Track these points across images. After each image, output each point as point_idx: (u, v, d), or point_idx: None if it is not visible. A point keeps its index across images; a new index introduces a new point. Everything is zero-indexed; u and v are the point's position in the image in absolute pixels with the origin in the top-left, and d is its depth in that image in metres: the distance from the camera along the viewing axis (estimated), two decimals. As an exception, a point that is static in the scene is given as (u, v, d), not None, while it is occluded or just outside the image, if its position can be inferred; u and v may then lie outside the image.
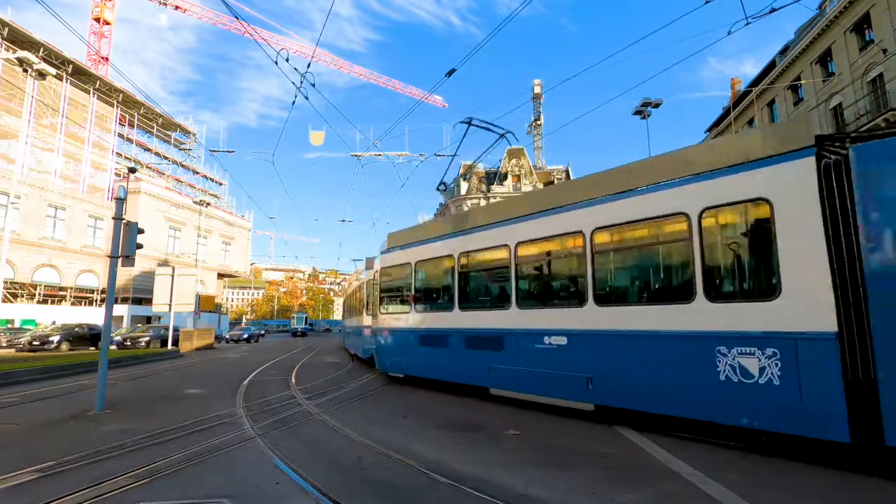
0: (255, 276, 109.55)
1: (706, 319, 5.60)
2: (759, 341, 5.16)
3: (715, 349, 5.46)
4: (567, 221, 7.45)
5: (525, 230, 8.23)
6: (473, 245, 9.35)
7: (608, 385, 6.55)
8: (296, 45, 52.21)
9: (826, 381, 4.69)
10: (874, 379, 4.38)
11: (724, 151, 5.83)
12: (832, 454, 4.90)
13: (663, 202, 6.26)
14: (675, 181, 6.17)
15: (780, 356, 5.03)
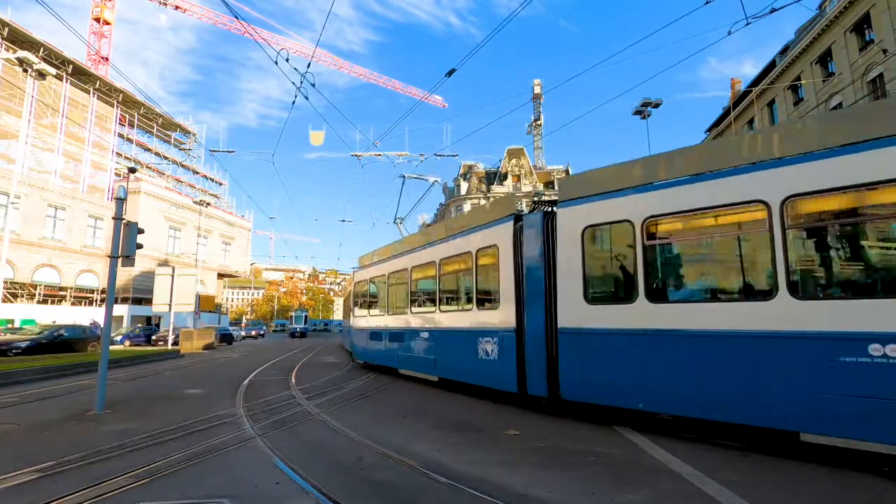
0: (255, 276, 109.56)
1: (475, 318, 9.24)
2: (491, 333, 8.65)
3: (479, 339, 8.89)
4: (427, 255, 11.16)
5: (418, 257, 11.44)
6: (391, 269, 13.18)
7: (442, 363, 10.23)
8: (296, 45, 52.23)
9: (511, 357, 8.01)
10: (524, 358, 7.84)
11: (483, 216, 9.45)
12: (832, 454, 4.89)
13: (460, 246, 9.88)
14: (463, 231, 9.92)
15: (497, 342, 8.44)
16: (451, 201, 62.47)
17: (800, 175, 5.19)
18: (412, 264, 11.68)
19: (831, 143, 5.05)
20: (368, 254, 15.86)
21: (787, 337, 5.08)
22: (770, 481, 4.37)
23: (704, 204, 5.90)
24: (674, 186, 6.18)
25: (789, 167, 5.28)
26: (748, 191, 5.54)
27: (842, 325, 4.73)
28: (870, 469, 4.72)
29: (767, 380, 5.22)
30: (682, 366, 5.86)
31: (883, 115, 4.92)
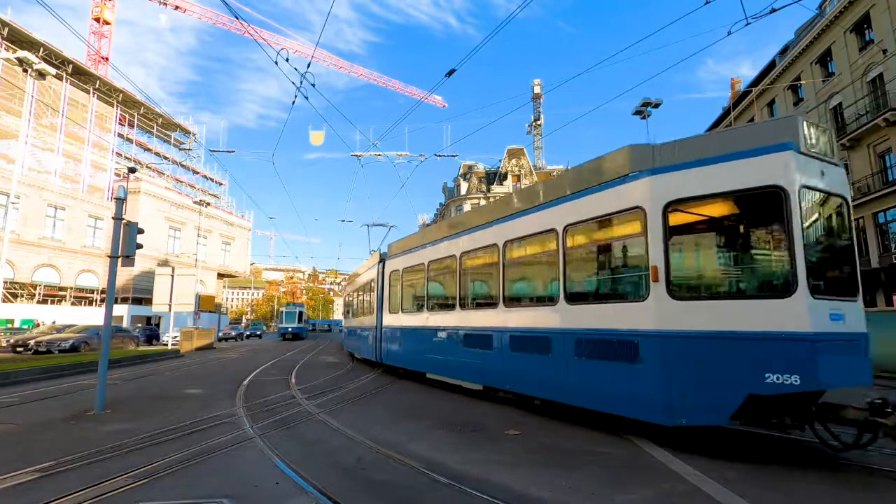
0: (255, 276, 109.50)
1: (371, 320, 15.17)
2: (368, 329, 15.13)
3: (367, 332, 15.42)
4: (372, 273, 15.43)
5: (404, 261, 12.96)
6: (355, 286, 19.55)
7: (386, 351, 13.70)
8: (295, 45, 52.21)
9: (375, 344, 14.14)
10: (382, 342, 13.59)
11: (369, 261, 16.91)
12: (828, 454, 4.89)
13: (367, 276, 16.45)
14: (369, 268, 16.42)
15: (372, 335, 14.55)
16: (451, 201, 62.45)
17: (572, 209, 6.77)
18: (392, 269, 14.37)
19: (586, 185, 6.61)
20: (352, 274, 22.54)
21: (562, 333, 6.78)
22: (770, 481, 4.37)
23: (490, 240, 8.64)
24: (467, 234, 9.53)
25: (566, 203, 6.90)
26: (551, 220, 7.04)
27: (591, 325, 6.38)
28: (870, 469, 4.72)
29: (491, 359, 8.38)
30: (416, 345, 11.56)
31: (605, 165, 6.41)
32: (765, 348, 4.80)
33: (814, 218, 5.34)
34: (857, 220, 23.11)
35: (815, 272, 5.05)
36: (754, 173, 5.06)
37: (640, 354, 5.60)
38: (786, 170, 4.91)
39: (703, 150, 5.44)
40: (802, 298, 4.72)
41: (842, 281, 5.36)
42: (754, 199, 5.16)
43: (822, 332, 4.74)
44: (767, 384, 4.73)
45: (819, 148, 5.20)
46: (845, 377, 5.01)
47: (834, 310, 4.96)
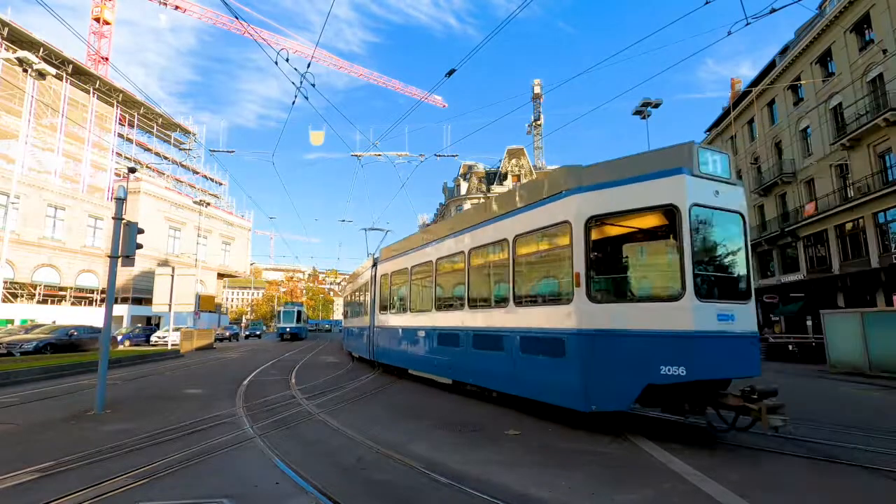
0: (255, 276, 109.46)
1: (364, 321, 16.45)
2: (363, 330, 16.34)
3: (361, 332, 17.09)
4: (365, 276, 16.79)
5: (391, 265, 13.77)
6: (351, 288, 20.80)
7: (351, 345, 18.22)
8: (295, 45, 52.18)
9: (369, 343, 15.15)
10: (375, 341, 14.49)
11: (361, 268, 18.50)
12: (834, 453, 4.90)
13: (363, 277, 17.64)
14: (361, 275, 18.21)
15: (366, 335, 15.64)
16: (451, 201, 62.45)
17: (520, 221, 7.61)
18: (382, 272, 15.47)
19: (531, 200, 7.41)
20: (348, 277, 24.47)
21: (511, 332, 7.62)
22: (770, 481, 4.37)
23: (458, 248, 9.55)
24: (423, 247, 11.38)
25: (516, 216, 7.75)
26: (505, 232, 7.98)
27: (532, 325, 7.25)
28: (870, 470, 4.72)
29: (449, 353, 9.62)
30: (400, 344, 12.46)
31: (546, 183, 7.24)
32: (660, 344, 5.58)
33: (706, 232, 6.12)
34: (857, 219, 23.12)
35: (704, 279, 5.85)
36: (655, 193, 5.90)
37: (565, 350, 6.41)
38: (678, 190, 5.72)
39: (620, 172, 6.23)
40: (689, 302, 5.51)
41: (733, 286, 6.13)
42: (654, 215, 6.09)
43: (705, 330, 5.52)
44: (662, 375, 5.50)
45: (714, 171, 5.99)
46: (731, 369, 5.73)
47: (723, 311, 5.72)
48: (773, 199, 30.56)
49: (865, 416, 7.93)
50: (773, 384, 5.84)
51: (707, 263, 6.05)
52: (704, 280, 5.85)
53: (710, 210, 5.93)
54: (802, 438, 5.98)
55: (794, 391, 11.28)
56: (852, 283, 22.85)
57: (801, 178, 27.81)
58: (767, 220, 30.88)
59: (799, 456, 5.20)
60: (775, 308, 27.58)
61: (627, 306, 6.04)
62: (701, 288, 5.69)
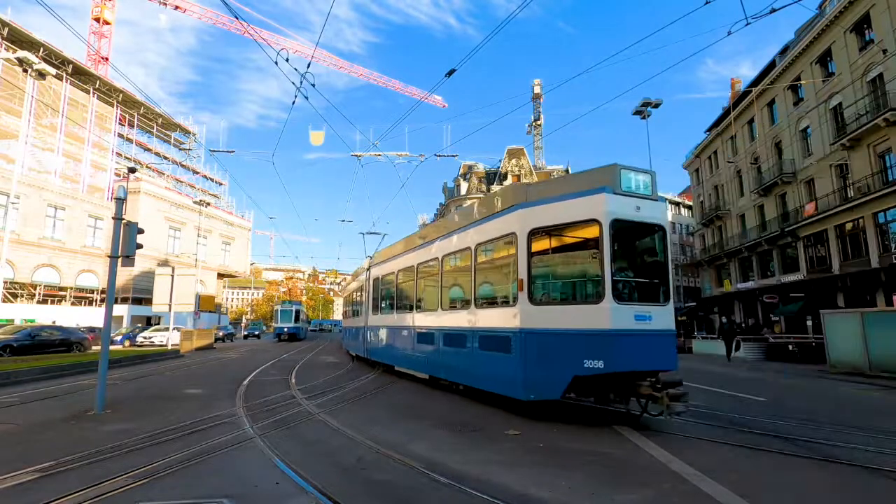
0: (255, 276, 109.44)
1: (363, 320, 16.87)
2: (359, 329, 17.56)
3: (358, 330, 18.04)
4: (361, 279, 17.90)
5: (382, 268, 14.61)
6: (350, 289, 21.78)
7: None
8: (295, 45, 52.18)
9: (364, 342, 16.06)
10: (368, 340, 15.44)
11: (357, 271, 20.29)
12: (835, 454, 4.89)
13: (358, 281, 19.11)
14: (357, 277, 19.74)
15: (362, 334, 16.51)
16: (451, 201, 62.47)
17: (480, 231, 8.35)
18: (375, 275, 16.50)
19: (489, 212, 8.18)
20: (349, 277, 24.86)
21: (472, 331, 8.37)
22: (770, 481, 4.37)
23: (432, 255, 10.34)
24: (405, 253, 12.11)
25: (477, 226, 8.49)
26: (468, 241, 8.72)
27: (488, 324, 8.03)
28: (870, 470, 4.72)
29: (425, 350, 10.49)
30: (388, 342, 13.32)
31: (501, 197, 8.03)
32: (584, 341, 6.38)
33: (626, 242, 7.04)
34: (857, 219, 23.11)
35: (624, 284, 6.70)
36: (582, 209, 6.67)
37: (511, 347, 7.20)
38: (600, 207, 6.47)
39: (557, 190, 7.13)
40: (608, 304, 6.26)
41: (652, 290, 6.89)
42: (582, 228, 6.83)
43: (622, 328, 6.27)
44: (585, 367, 6.29)
45: (636, 189, 6.76)
46: (647, 362, 6.46)
47: (640, 312, 6.48)
48: (773, 199, 30.56)
49: (865, 416, 7.93)
50: (678, 377, 6.64)
51: (627, 270, 6.98)
52: (625, 285, 6.74)
53: (632, 223, 6.69)
54: (802, 438, 5.99)
55: (794, 391, 11.29)
56: (852, 283, 22.84)
57: (801, 178, 27.81)
58: (767, 220, 30.88)
59: (799, 456, 5.20)
60: (775, 308, 27.58)
61: (560, 308, 6.92)
62: (622, 292, 6.55)
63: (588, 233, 6.73)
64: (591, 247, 6.71)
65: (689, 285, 55.76)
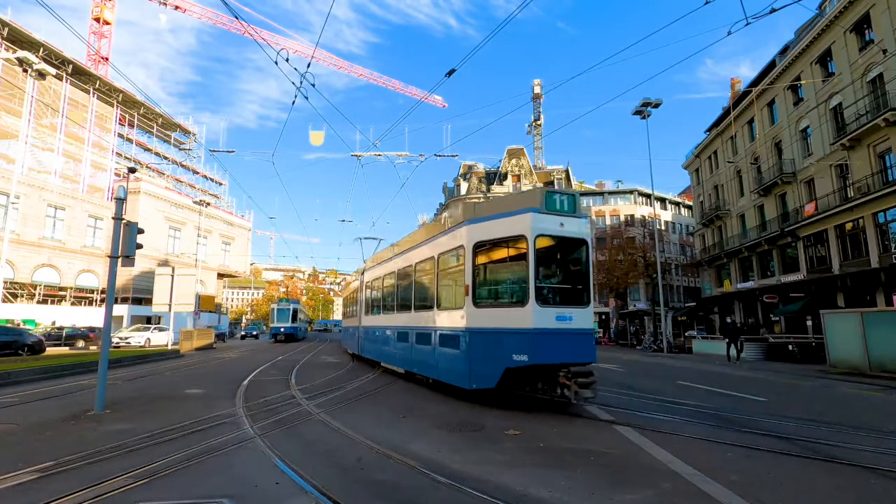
0: (255, 276, 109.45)
1: (357, 321, 18.44)
2: (354, 329, 19.05)
3: (353, 330, 19.90)
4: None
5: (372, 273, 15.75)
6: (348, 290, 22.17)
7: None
8: (295, 45, 52.22)
9: (358, 341, 17.42)
10: (361, 339, 16.85)
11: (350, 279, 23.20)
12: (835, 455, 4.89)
13: (352, 286, 21.03)
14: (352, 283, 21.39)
15: (357, 333, 17.95)
16: (451, 201, 62.43)
17: (441, 244, 9.45)
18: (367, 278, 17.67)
19: (447, 227, 9.31)
20: (349, 279, 24.41)
21: (434, 329, 9.52)
22: (770, 481, 4.37)
23: (407, 262, 11.53)
24: (406, 254, 11.87)
25: (438, 239, 9.63)
26: (431, 252, 9.92)
27: (444, 324, 9.15)
28: (870, 470, 4.72)
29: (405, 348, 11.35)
30: (376, 340, 14.21)
31: (456, 215, 9.11)
32: (513, 338, 7.44)
33: (551, 254, 8.09)
34: (857, 219, 23.11)
35: (547, 289, 7.74)
36: (513, 226, 7.74)
37: (460, 344, 8.29)
38: (526, 224, 7.54)
39: (497, 209, 8.23)
40: (531, 306, 7.33)
41: (573, 294, 7.92)
42: (512, 243, 7.88)
43: (543, 327, 7.33)
44: (514, 360, 7.35)
45: (560, 208, 7.81)
46: (567, 356, 7.47)
47: (561, 314, 7.56)
48: (773, 199, 30.56)
49: (865, 416, 7.93)
50: (589, 369, 7.56)
51: (551, 277, 8.07)
52: (548, 290, 7.77)
53: (556, 237, 7.77)
54: (802, 438, 5.99)
55: (794, 391, 11.29)
56: (852, 283, 22.84)
57: (801, 178, 27.81)
58: (767, 220, 30.89)
59: (799, 456, 5.20)
60: (775, 308, 27.58)
61: (496, 310, 7.90)
62: (545, 296, 7.63)
63: (519, 246, 7.74)
64: (521, 258, 7.70)
65: (689, 285, 55.78)
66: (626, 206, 57.37)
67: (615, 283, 41.58)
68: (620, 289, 43.93)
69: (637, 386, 11.33)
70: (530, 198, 7.86)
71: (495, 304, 8.02)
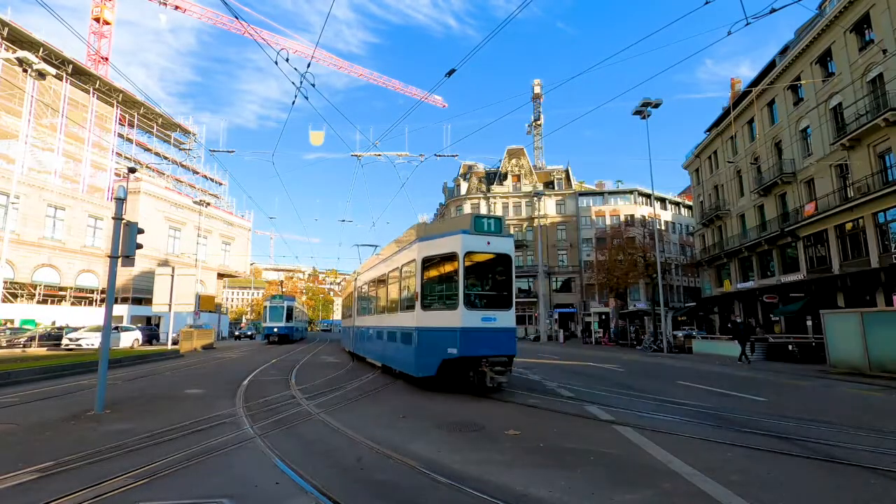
0: (255, 276, 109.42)
1: (352, 321, 20.45)
2: (349, 328, 21.70)
3: (349, 329, 21.81)
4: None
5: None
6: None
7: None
8: (295, 45, 52.21)
9: (352, 339, 19.45)
10: (354, 337, 18.94)
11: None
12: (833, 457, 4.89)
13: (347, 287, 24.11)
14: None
15: (351, 332, 19.90)
16: (451, 201, 62.41)
17: (403, 257, 11.11)
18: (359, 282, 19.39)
19: (408, 242, 11.00)
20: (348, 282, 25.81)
21: (397, 328, 11.31)
22: (770, 481, 4.37)
23: (383, 271, 13.39)
24: (381, 265, 13.85)
25: (401, 253, 11.35)
26: (397, 263, 11.61)
27: (401, 324, 10.97)
28: (870, 469, 4.72)
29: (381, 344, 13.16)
30: (364, 338, 15.96)
31: (411, 234, 11.01)
32: (447, 335, 9.11)
33: (479, 267, 9.72)
34: (857, 219, 23.11)
35: (475, 296, 9.43)
36: (448, 245, 9.46)
37: (412, 339, 10.00)
38: (457, 243, 9.27)
39: (441, 230, 10.11)
40: (460, 310, 9.03)
41: (497, 300, 9.61)
42: (448, 259, 9.48)
43: (470, 326, 9.00)
44: (448, 353, 9.03)
45: (487, 229, 9.61)
46: (491, 350, 9.16)
47: (486, 315, 9.25)
48: (773, 199, 30.56)
49: (865, 415, 7.93)
50: (504, 359, 9.17)
51: (479, 286, 9.71)
52: (475, 296, 9.44)
53: (483, 253, 9.53)
54: (802, 438, 5.99)
55: (794, 391, 11.28)
56: (852, 283, 22.84)
57: (801, 178, 27.80)
58: (767, 220, 30.88)
59: (799, 456, 5.20)
60: (775, 308, 27.57)
61: (437, 312, 9.54)
62: (473, 301, 9.31)
63: (453, 261, 9.33)
64: (454, 270, 9.26)
65: (689, 285, 55.79)
66: (626, 206, 57.37)
67: (615, 283, 41.55)
68: (620, 289, 43.89)
69: (637, 386, 11.33)
70: (463, 221, 9.68)
71: (437, 307, 9.65)
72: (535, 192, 52.93)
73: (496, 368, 8.90)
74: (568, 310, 53.51)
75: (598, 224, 56.64)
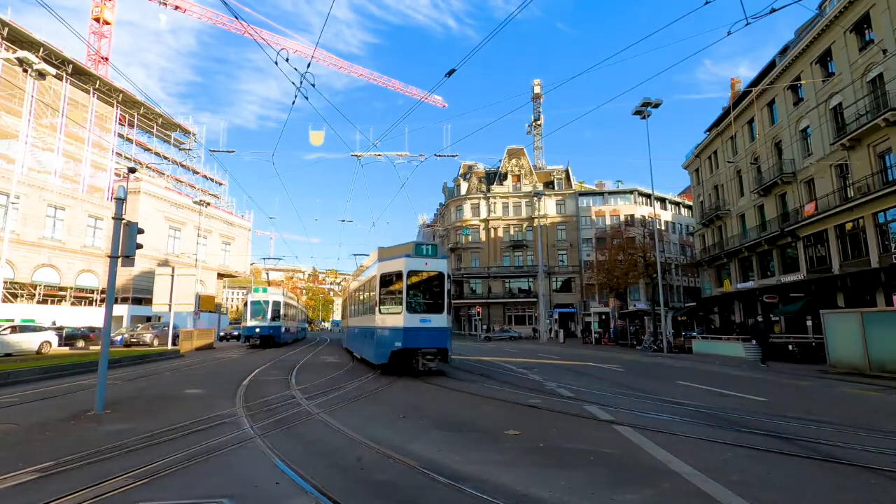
0: (256, 276, 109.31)
1: (348, 321, 23.75)
2: (346, 328, 24.91)
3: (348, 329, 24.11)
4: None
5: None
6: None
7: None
8: (295, 45, 52.19)
9: (347, 337, 23.24)
10: (348, 335, 22.71)
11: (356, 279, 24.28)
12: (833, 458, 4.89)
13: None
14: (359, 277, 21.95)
15: (348, 331, 22.57)
16: (451, 201, 62.40)
17: (373, 272, 13.60)
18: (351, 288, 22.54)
19: (376, 260, 13.67)
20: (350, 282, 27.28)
21: (371, 328, 13.53)
22: (770, 481, 4.37)
23: (361, 282, 17.09)
24: (360, 277, 17.84)
25: (371, 270, 14.42)
26: (367, 277, 15.03)
27: (371, 324, 13.56)
28: (870, 470, 4.73)
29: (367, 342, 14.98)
30: (352, 337, 19.66)
31: (375, 257, 14.49)
32: (395, 333, 12.13)
33: (420, 282, 12.62)
34: (857, 219, 23.10)
35: (415, 303, 12.35)
36: (396, 266, 12.53)
37: (373, 336, 12.99)
38: (402, 265, 12.36)
39: (393, 254, 13.03)
40: (403, 313, 12.07)
41: (433, 306, 12.55)
42: (398, 275, 12.41)
43: (410, 326, 12.00)
44: (395, 346, 12.04)
45: (425, 254, 12.70)
46: (427, 343, 12.25)
47: (424, 317, 12.24)
48: (773, 199, 30.55)
49: (865, 415, 7.93)
50: (435, 351, 12.37)
51: (419, 295, 12.56)
52: (416, 304, 12.38)
53: (422, 272, 12.57)
54: (802, 438, 5.99)
55: (794, 391, 11.29)
56: (852, 283, 22.83)
57: (801, 178, 27.80)
58: (767, 220, 30.88)
59: (799, 456, 5.20)
60: (775, 308, 27.54)
61: (389, 315, 12.50)
62: (414, 307, 12.27)
63: (399, 277, 12.34)
64: (400, 285, 12.27)
65: (689, 285, 55.79)
66: (626, 206, 57.38)
67: (615, 283, 41.54)
68: (620, 289, 43.89)
69: (637, 386, 11.34)
70: (408, 248, 12.70)
71: (389, 311, 12.57)
72: (535, 192, 52.94)
73: (427, 357, 12.25)
74: (568, 310, 53.54)
75: (598, 224, 56.66)
